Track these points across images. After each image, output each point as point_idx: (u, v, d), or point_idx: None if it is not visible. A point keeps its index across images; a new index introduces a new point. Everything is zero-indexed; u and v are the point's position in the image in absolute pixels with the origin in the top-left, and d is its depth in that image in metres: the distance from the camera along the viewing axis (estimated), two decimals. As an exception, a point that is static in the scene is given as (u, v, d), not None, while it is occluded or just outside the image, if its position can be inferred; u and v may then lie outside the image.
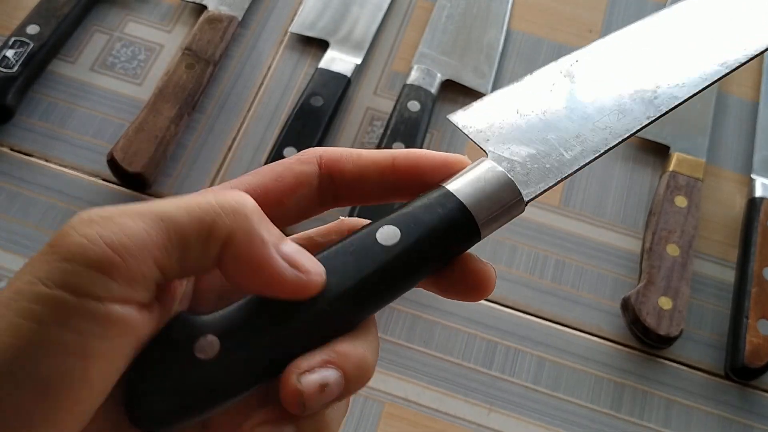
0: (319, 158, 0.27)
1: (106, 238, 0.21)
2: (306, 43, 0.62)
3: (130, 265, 0.22)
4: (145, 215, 0.22)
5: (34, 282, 0.21)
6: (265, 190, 0.26)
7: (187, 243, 0.23)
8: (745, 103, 0.62)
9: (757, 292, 0.52)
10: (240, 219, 0.23)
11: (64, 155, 0.55)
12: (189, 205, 0.23)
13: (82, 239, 0.21)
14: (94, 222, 0.22)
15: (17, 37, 0.57)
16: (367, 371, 0.25)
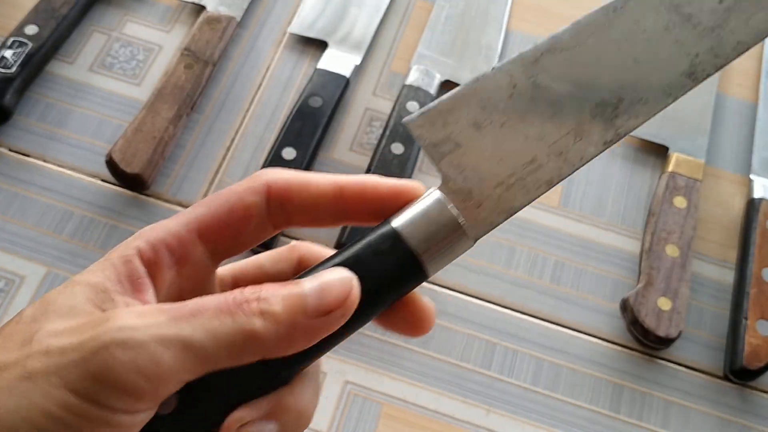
0: (268, 187, 0.27)
1: (140, 366, 0.22)
2: (305, 44, 0.62)
3: (159, 391, 0.23)
4: (174, 343, 0.23)
5: (62, 388, 0.22)
6: (220, 226, 0.27)
7: (217, 364, 0.24)
8: (744, 104, 0.62)
9: (756, 293, 0.52)
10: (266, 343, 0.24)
11: (62, 156, 0.55)
12: (214, 331, 0.24)
13: (115, 363, 0.22)
14: (129, 347, 0.23)
15: (15, 37, 0.57)
16: (306, 421, 0.27)
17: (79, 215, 0.53)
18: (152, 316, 0.23)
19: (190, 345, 0.23)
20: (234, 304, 0.24)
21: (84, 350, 0.23)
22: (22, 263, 0.51)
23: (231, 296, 0.24)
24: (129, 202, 0.54)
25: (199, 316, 0.24)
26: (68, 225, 0.53)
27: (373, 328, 0.50)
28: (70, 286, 0.25)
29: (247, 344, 0.24)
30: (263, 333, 0.24)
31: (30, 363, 0.23)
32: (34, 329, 0.24)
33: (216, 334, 0.23)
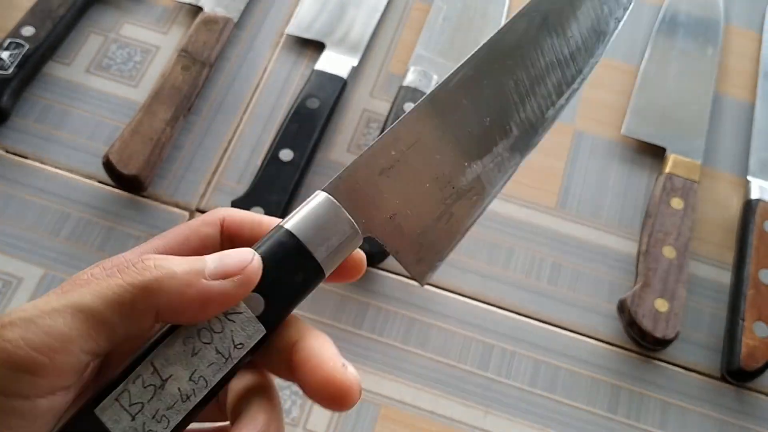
0: (222, 221, 0.29)
1: (29, 340, 0.22)
2: (302, 45, 0.62)
3: (57, 362, 0.23)
4: (63, 311, 0.23)
5: None
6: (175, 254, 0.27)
7: (112, 325, 0.24)
8: (741, 105, 0.62)
9: (753, 294, 0.52)
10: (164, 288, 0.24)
11: (59, 157, 0.55)
12: (103, 292, 0.24)
13: (5, 344, 0.22)
14: (15, 325, 0.23)
15: (12, 38, 0.57)
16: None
17: (76, 217, 0.53)
18: (43, 297, 0.24)
19: (79, 308, 0.23)
20: (126, 263, 0.25)
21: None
22: (20, 265, 0.51)
23: (112, 261, 0.25)
24: (126, 204, 0.54)
25: (87, 284, 0.24)
26: (65, 226, 0.52)
27: (370, 329, 0.50)
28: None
29: (143, 299, 0.24)
30: (154, 285, 0.24)
31: None
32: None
33: (103, 294, 0.24)
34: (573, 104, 0.61)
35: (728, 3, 0.67)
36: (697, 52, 0.63)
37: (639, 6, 0.66)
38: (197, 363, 0.25)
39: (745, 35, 0.66)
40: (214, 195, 0.55)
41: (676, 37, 0.63)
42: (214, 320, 0.26)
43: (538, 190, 0.57)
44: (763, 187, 0.56)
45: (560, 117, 0.33)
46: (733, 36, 0.66)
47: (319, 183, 0.56)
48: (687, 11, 0.65)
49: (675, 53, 0.63)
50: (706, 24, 0.64)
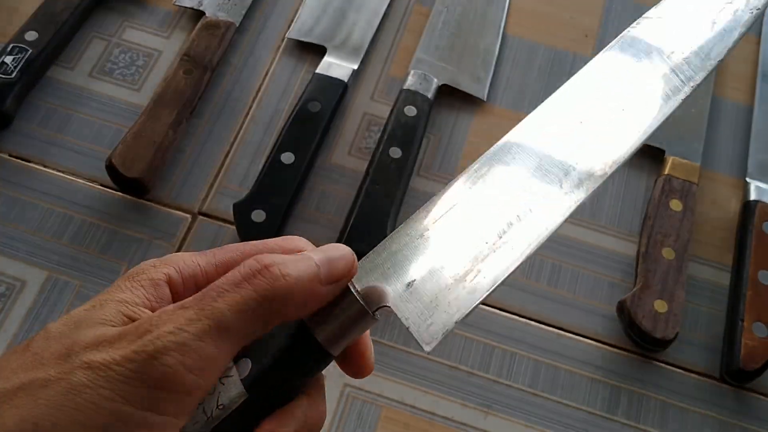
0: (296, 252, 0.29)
1: (188, 366, 0.24)
2: (303, 49, 0.63)
3: (208, 381, 0.25)
4: (210, 333, 0.24)
5: (117, 400, 0.23)
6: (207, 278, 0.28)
7: (247, 336, 0.26)
8: (739, 107, 0.63)
9: (752, 295, 0.52)
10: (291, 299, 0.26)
11: (62, 161, 0.56)
12: (240, 307, 0.25)
13: (168, 370, 0.24)
14: (173, 350, 0.24)
15: (16, 43, 0.57)
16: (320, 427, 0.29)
17: (79, 220, 0.53)
18: (180, 315, 0.25)
19: (223, 329, 0.25)
20: (252, 272, 0.25)
21: (134, 363, 0.23)
22: (23, 268, 0.51)
23: (241, 269, 0.26)
24: (129, 207, 0.54)
25: (220, 298, 0.25)
26: (68, 230, 0.53)
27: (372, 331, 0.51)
28: (98, 303, 0.26)
29: (270, 309, 0.25)
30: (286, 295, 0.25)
31: (74, 378, 0.23)
32: (66, 344, 0.25)
33: (242, 308, 0.25)
34: (572, 107, 0.61)
35: (727, 6, 0.67)
36: (695, 55, 0.63)
37: (638, 9, 0.67)
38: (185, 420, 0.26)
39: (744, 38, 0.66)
40: (217, 198, 0.55)
41: (674, 39, 0.64)
42: None
43: (538, 193, 0.57)
44: (761, 188, 0.57)
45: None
46: (731, 39, 0.66)
47: (320, 186, 0.56)
48: (686, 14, 0.65)
49: (674, 56, 0.63)
50: (704, 27, 0.65)
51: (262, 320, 0.25)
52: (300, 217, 0.55)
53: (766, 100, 0.62)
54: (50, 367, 0.24)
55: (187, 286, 0.28)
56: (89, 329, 0.25)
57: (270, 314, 0.25)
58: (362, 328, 0.28)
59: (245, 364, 0.27)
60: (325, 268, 0.27)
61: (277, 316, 0.26)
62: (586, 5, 0.67)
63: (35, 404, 0.23)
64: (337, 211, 0.55)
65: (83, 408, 0.23)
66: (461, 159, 0.58)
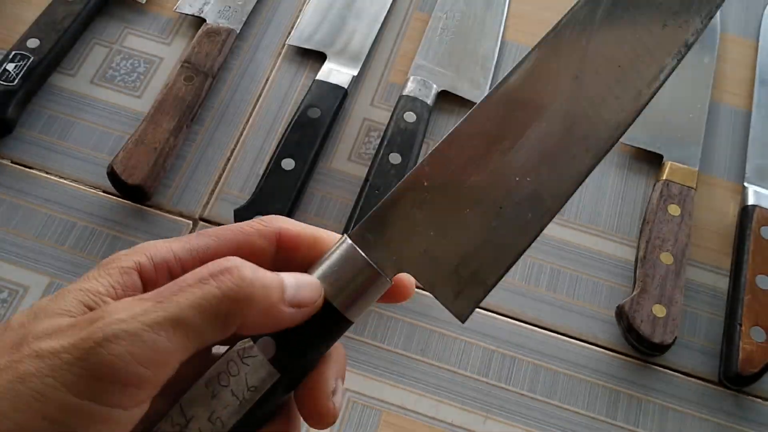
0: (278, 236, 0.29)
1: (136, 355, 0.23)
2: (303, 55, 0.63)
3: (159, 375, 0.24)
4: (165, 325, 0.24)
5: (60, 389, 0.22)
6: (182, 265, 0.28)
7: (204, 335, 0.25)
8: (737, 112, 0.63)
9: (750, 299, 0.52)
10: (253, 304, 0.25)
11: (64, 168, 0.56)
12: (201, 303, 0.24)
13: (112, 359, 0.23)
14: (121, 339, 0.23)
15: (17, 50, 0.57)
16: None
17: (81, 226, 0.54)
18: (138, 305, 0.24)
19: (180, 322, 0.24)
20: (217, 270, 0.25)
21: (79, 350, 0.23)
22: (25, 274, 0.52)
23: (206, 269, 0.25)
24: (130, 213, 0.54)
25: (181, 292, 0.24)
26: (70, 236, 0.53)
27: (372, 335, 0.51)
28: (62, 293, 0.26)
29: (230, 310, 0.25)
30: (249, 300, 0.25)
31: (21, 366, 0.23)
32: (22, 333, 0.24)
33: (201, 306, 0.24)
34: (571, 112, 0.61)
35: (724, 11, 0.68)
36: (693, 60, 0.64)
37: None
38: (215, 405, 0.26)
39: (742, 43, 0.67)
40: (217, 204, 0.55)
41: (672, 45, 0.64)
42: (231, 364, 0.26)
43: (537, 198, 0.57)
44: (759, 193, 0.57)
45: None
46: (729, 44, 0.66)
47: (320, 192, 0.56)
48: (683, 20, 0.66)
49: (672, 61, 0.63)
50: (702, 32, 0.65)
51: (220, 321, 0.25)
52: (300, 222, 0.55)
53: (763, 105, 0.62)
54: (3, 357, 0.23)
55: (160, 273, 0.27)
56: (46, 319, 0.24)
57: (229, 316, 0.25)
58: (381, 291, 0.28)
59: (268, 343, 0.27)
60: (291, 290, 0.26)
61: (235, 320, 0.25)
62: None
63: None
64: (338, 217, 0.56)
65: (26, 397, 0.22)
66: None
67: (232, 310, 0.25)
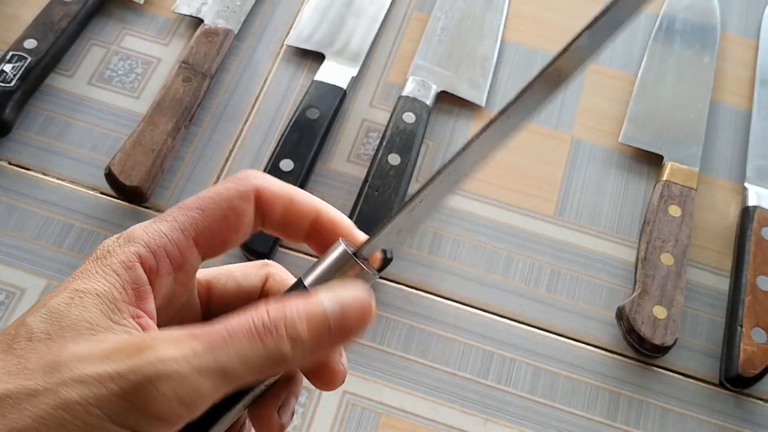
0: (257, 194, 0.28)
1: (182, 397, 0.23)
2: (302, 56, 0.63)
3: (194, 416, 0.24)
4: (211, 375, 0.24)
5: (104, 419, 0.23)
6: (213, 233, 0.28)
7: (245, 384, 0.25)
8: (738, 112, 0.63)
9: (751, 300, 0.52)
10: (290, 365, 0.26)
11: (61, 169, 0.56)
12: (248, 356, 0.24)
13: (161, 398, 0.23)
14: (172, 379, 0.23)
15: (15, 51, 0.57)
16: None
17: (78, 228, 0.53)
18: (187, 344, 0.24)
19: (226, 372, 0.24)
20: (264, 329, 0.25)
21: (128, 382, 0.23)
22: (23, 276, 0.51)
23: (258, 319, 0.25)
24: (128, 215, 0.54)
25: (231, 343, 0.24)
26: (68, 238, 0.53)
27: (371, 337, 0.51)
28: (77, 297, 0.25)
29: (274, 366, 0.25)
30: (291, 356, 0.25)
31: (64, 392, 0.23)
32: (55, 351, 0.24)
33: (248, 360, 0.24)
34: (571, 112, 0.61)
35: (725, 11, 0.67)
36: (694, 60, 0.63)
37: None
38: None
39: (742, 43, 0.66)
40: (216, 205, 0.55)
41: (673, 45, 0.64)
42: None
43: (537, 198, 0.57)
44: (760, 193, 0.57)
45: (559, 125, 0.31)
46: (729, 44, 0.66)
47: (319, 192, 0.56)
48: (684, 19, 0.66)
49: (672, 61, 0.63)
50: (702, 32, 0.65)
51: (263, 375, 0.25)
52: (299, 223, 0.55)
53: (764, 105, 0.62)
54: (38, 377, 0.23)
55: (160, 260, 0.27)
56: (75, 333, 0.24)
57: (272, 371, 0.25)
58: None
59: None
60: (336, 319, 0.26)
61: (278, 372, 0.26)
62: (583, 11, 0.67)
63: (21, 416, 0.22)
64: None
65: (70, 425, 0.22)
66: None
67: (274, 366, 0.25)
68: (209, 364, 0.24)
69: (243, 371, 0.24)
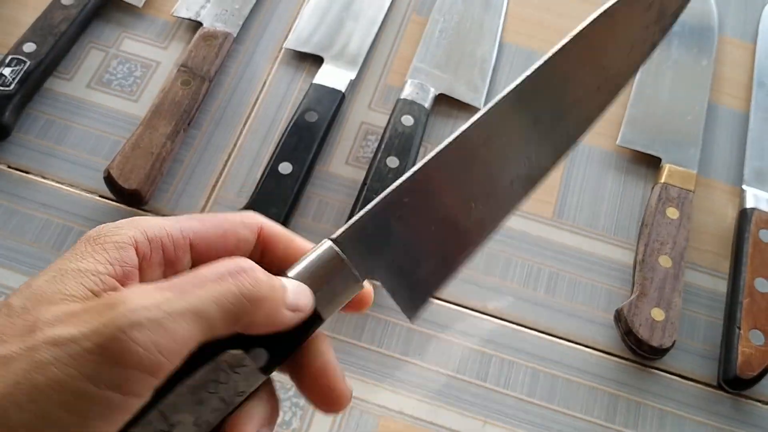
0: (260, 230, 0.30)
1: (158, 344, 0.23)
2: (300, 59, 0.63)
3: (173, 364, 0.24)
4: (186, 316, 0.24)
5: (79, 378, 0.22)
6: (209, 245, 0.28)
7: (216, 329, 0.25)
8: (735, 115, 0.63)
9: (749, 302, 0.52)
10: (263, 305, 0.26)
11: (60, 172, 0.56)
12: (219, 298, 0.25)
13: (136, 347, 0.23)
14: (145, 327, 0.23)
15: (14, 54, 0.57)
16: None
17: (77, 231, 0.53)
18: (158, 294, 0.24)
19: (200, 314, 0.24)
20: (235, 270, 0.26)
21: (101, 336, 0.23)
22: (22, 279, 0.51)
23: (224, 266, 0.26)
24: (127, 218, 0.54)
25: (202, 286, 0.25)
26: (67, 241, 0.53)
27: (370, 340, 0.51)
28: (59, 273, 0.25)
29: (244, 308, 0.25)
30: (262, 302, 0.26)
31: (38, 355, 0.22)
32: (30, 320, 0.24)
33: (220, 300, 0.25)
34: (569, 115, 0.61)
35: (722, 14, 0.68)
36: (691, 63, 0.63)
37: (634, 17, 0.67)
38: (202, 410, 0.26)
39: (739, 45, 0.67)
40: (215, 208, 0.55)
41: (670, 47, 0.64)
42: (221, 373, 0.27)
43: (535, 201, 0.57)
44: (757, 196, 0.57)
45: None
46: (727, 46, 0.66)
47: (318, 195, 0.56)
48: (681, 22, 0.66)
49: (670, 64, 0.63)
50: (700, 34, 0.65)
51: (233, 317, 0.25)
52: (298, 226, 0.55)
53: (761, 108, 0.62)
54: (14, 344, 0.23)
55: (154, 249, 0.27)
56: (49, 303, 0.24)
57: (241, 314, 0.26)
58: (350, 295, 0.30)
59: (261, 353, 0.27)
60: (292, 295, 0.27)
61: (245, 318, 0.26)
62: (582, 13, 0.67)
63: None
64: (335, 221, 0.55)
65: (44, 387, 0.22)
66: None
67: (245, 308, 0.25)
68: (182, 307, 0.24)
69: (216, 312, 0.25)
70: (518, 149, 0.32)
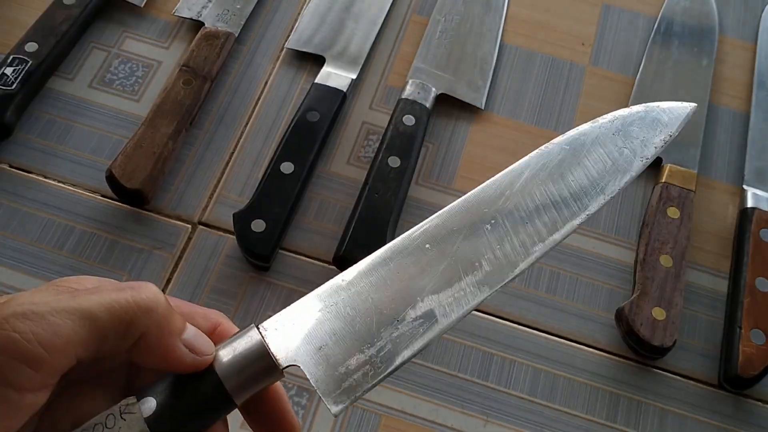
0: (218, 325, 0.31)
1: (38, 335, 0.24)
2: (302, 59, 0.63)
3: (56, 361, 0.24)
4: (73, 314, 0.25)
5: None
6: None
7: (107, 338, 0.26)
8: (736, 115, 0.63)
9: (749, 302, 0.52)
10: (154, 317, 0.27)
11: (62, 172, 0.56)
12: (110, 303, 0.26)
13: (14, 335, 0.23)
14: (27, 318, 0.24)
15: (16, 54, 0.57)
16: None
17: (79, 231, 0.54)
18: (53, 296, 0.25)
19: (87, 316, 0.25)
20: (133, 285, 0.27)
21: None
22: (24, 279, 0.52)
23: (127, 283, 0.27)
24: (129, 218, 0.54)
25: (98, 292, 0.26)
26: (69, 240, 0.53)
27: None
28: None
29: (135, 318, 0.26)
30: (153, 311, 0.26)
31: None
32: None
33: (111, 308, 0.25)
34: (570, 115, 0.61)
35: (723, 14, 0.68)
36: (692, 63, 0.64)
37: (634, 17, 0.67)
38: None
39: (740, 46, 0.67)
40: (216, 208, 0.55)
41: (671, 47, 0.64)
42: (109, 417, 0.27)
43: (536, 201, 0.57)
44: (758, 195, 0.57)
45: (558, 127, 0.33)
46: (727, 46, 0.66)
47: (319, 195, 0.56)
48: (682, 22, 0.66)
49: (670, 64, 0.63)
50: (701, 35, 0.65)
51: (123, 326, 0.26)
52: (299, 226, 0.55)
53: (762, 108, 0.62)
54: None
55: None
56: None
57: (132, 324, 0.26)
58: (269, 382, 0.30)
59: (149, 402, 0.27)
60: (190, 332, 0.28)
61: (136, 330, 0.26)
62: (582, 14, 0.67)
63: None
64: (337, 220, 0.55)
65: None
66: (460, 167, 0.59)
67: (137, 318, 0.26)
68: (70, 306, 0.25)
69: (106, 317, 0.25)
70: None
